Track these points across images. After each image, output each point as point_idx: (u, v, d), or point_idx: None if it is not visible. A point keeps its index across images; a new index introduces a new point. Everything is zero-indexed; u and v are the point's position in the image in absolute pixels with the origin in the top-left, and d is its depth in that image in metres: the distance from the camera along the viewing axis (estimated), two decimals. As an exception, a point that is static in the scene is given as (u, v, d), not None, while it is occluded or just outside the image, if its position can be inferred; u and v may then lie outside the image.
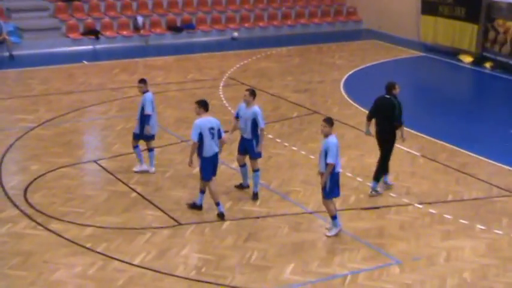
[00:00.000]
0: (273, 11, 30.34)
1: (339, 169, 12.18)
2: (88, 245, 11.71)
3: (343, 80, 22.82)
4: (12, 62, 23.76)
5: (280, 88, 21.55)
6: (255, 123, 13.46)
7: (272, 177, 14.85)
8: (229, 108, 19.14)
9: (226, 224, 12.72)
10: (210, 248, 11.87)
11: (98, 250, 11.58)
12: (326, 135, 12.13)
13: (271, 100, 20.26)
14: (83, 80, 21.79)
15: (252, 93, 13.57)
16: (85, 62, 24.04)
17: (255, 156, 13.67)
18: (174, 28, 27.97)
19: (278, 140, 16.98)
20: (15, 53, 24.16)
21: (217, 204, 12.90)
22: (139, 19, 27.29)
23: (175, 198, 13.66)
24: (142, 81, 14.61)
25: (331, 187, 12.10)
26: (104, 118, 18.18)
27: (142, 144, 14.76)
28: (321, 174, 12.13)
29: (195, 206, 13.11)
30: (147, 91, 14.52)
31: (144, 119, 14.43)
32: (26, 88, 20.55)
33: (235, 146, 14.40)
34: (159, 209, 13.18)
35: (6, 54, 24.16)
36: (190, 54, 25.74)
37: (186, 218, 12.84)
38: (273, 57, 25.87)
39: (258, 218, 13.00)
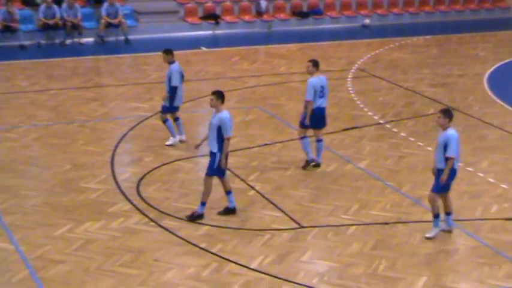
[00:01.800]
0: (409, -4, 29.94)
1: (458, 164, 12.12)
2: (202, 245, 11.88)
3: (487, 74, 22.26)
4: (128, 46, 24.44)
5: (415, 81, 21.23)
6: None
7: (404, 179, 14.64)
8: (358, 102, 19.00)
9: (351, 229, 12.62)
10: (333, 254, 11.81)
11: (213, 251, 11.72)
12: (444, 128, 11.95)
13: (405, 94, 19.98)
14: (201, 68, 22.16)
15: None
16: (203, 49, 24.44)
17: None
18: (299, 13, 28.03)
19: (411, 139, 16.73)
20: (130, 37, 24.84)
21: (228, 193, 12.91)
22: (263, 3, 27.49)
23: (297, 199, 13.68)
24: (167, 51, 15.56)
25: (446, 182, 12.02)
26: (222, 109, 18.37)
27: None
28: (437, 170, 12.08)
29: (229, 211, 13.02)
30: (173, 62, 15.45)
31: (172, 90, 15.45)
32: (141, 75, 21.06)
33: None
34: (279, 209, 13.23)
35: (122, 38, 24.87)
36: (316, 43, 25.76)
37: (308, 221, 12.83)
38: (408, 47, 25.52)
39: (386, 224, 12.85)
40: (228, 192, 12.90)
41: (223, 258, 11.53)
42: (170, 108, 15.78)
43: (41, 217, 12.69)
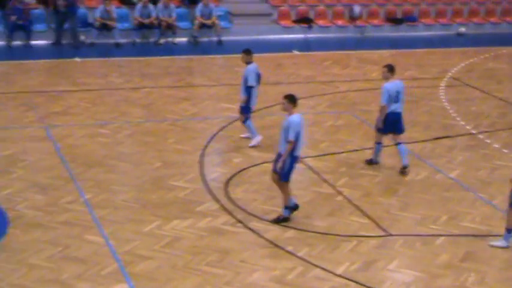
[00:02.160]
0: (507, 6, 29.32)
1: None
2: (289, 248, 11.87)
3: None
4: (221, 47, 24.66)
5: (511, 92, 20.79)
6: None
7: (496, 192, 14.34)
8: (450, 111, 18.72)
9: (440, 239, 12.43)
10: (421, 264, 11.65)
11: (299, 255, 11.71)
12: None
13: (499, 105, 19.61)
14: (292, 71, 22.18)
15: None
16: (295, 52, 24.45)
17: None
18: (393, 20, 27.82)
19: (505, 151, 16.39)
20: (223, 38, 25.04)
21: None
22: (356, 8, 27.38)
23: (385, 206, 13.56)
24: (247, 51, 15.68)
25: None
26: (312, 113, 18.37)
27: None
28: None
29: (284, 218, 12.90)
30: (251, 62, 15.59)
31: (248, 90, 15.57)
32: (232, 76, 21.19)
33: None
34: (367, 216, 13.13)
35: (215, 39, 25.10)
36: (409, 49, 25.51)
37: (396, 229, 12.69)
38: (504, 57, 25.04)
39: (476, 236, 12.61)
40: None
41: (309, 262, 11.51)
42: (246, 109, 15.88)
43: (130, 213, 12.90)
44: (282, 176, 12.55)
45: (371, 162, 15.21)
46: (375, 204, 13.59)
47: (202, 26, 25.10)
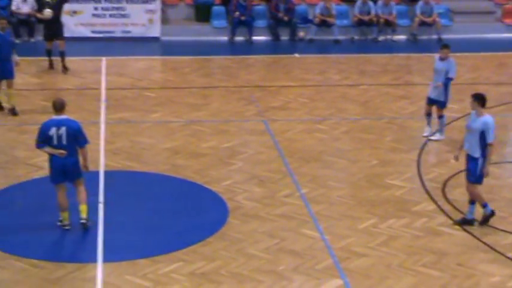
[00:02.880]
0: None
1: None
2: (510, 255, 11.47)
3: None
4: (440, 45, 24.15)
5: None
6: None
7: None
8: None
9: None
10: None
11: (521, 262, 11.31)
12: None
13: None
14: (516, 71, 21.43)
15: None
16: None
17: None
18: None
19: None
20: (444, 36, 24.54)
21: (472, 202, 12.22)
22: None
23: None
24: (446, 46, 16.04)
25: None
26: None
27: None
28: None
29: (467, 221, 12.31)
30: (449, 57, 15.85)
31: (447, 82, 15.72)
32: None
33: None
34: None
35: (435, 36, 24.69)
36: None
37: None
38: None
39: None
40: (472, 202, 12.34)
41: (531, 270, 11.07)
42: (444, 104, 15.89)
43: (346, 209, 12.96)
44: (471, 178, 12.12)
45: None
46: None
47: (422, 23, 24.77)
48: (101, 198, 12.97)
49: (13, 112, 16.85)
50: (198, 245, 11.62)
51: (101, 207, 12.65)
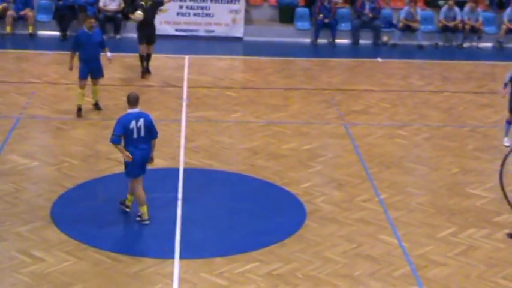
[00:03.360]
0: None
1: None
2: None
3: None
4: (527, 54, 23.75)
5: None
6: None
7: None
8: None
9: None
10: None
11: None
12: None
13: None
14: None
15: None
16: None
17: None
18: None
19: None
20: (531, 44, 24.10)
21: None
22: None
23: None
24: None
25: None
26: None
27: None
28: None
29: None
30: None
31: None
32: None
33: None
34: None
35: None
36: None
37: None
38: None
39: None
40: None
41: None
42: None
43: (425, 216, 12.80)
44: None
45: None
46: None
47: (510, 31, 24.30)
48: (180, 195, 13.10)
49: (97, 107, 17.14)
50: (275, 246, 11.63)
51: (179, 204, 12.78)
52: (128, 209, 12.35)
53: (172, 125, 16.47)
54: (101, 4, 23.85)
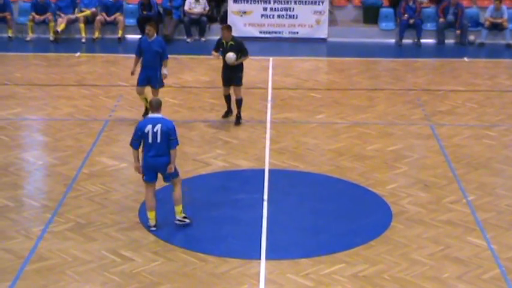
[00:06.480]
0: None
1: None
2: None
3: None
4: None
5: None
6: None
7: None
8: None
9: None
10: None
11: None
12: None
13: None
14: None
15: None
16: None
17: None
18: None
19: None
20: None
21: None
22: None
23: None
24: None
25: None
26: None
27: None
28: None
29: None
30: None
31: None
32: None
33: None
34: None
35: None
36: None
37: None
38: None
39: None
40: None
41: None
42: None
43: (515, 218, 12.56)
44: None
45: None
46: None
47: None
48: (265, 196, 13.13)
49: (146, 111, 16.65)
50: (361, 247, 11.55)
51: (264, 205, 12.81)
52: (187, 220, 12.16)
53: (257, 126, 16.52)
54: (186, 7, 24.12)
